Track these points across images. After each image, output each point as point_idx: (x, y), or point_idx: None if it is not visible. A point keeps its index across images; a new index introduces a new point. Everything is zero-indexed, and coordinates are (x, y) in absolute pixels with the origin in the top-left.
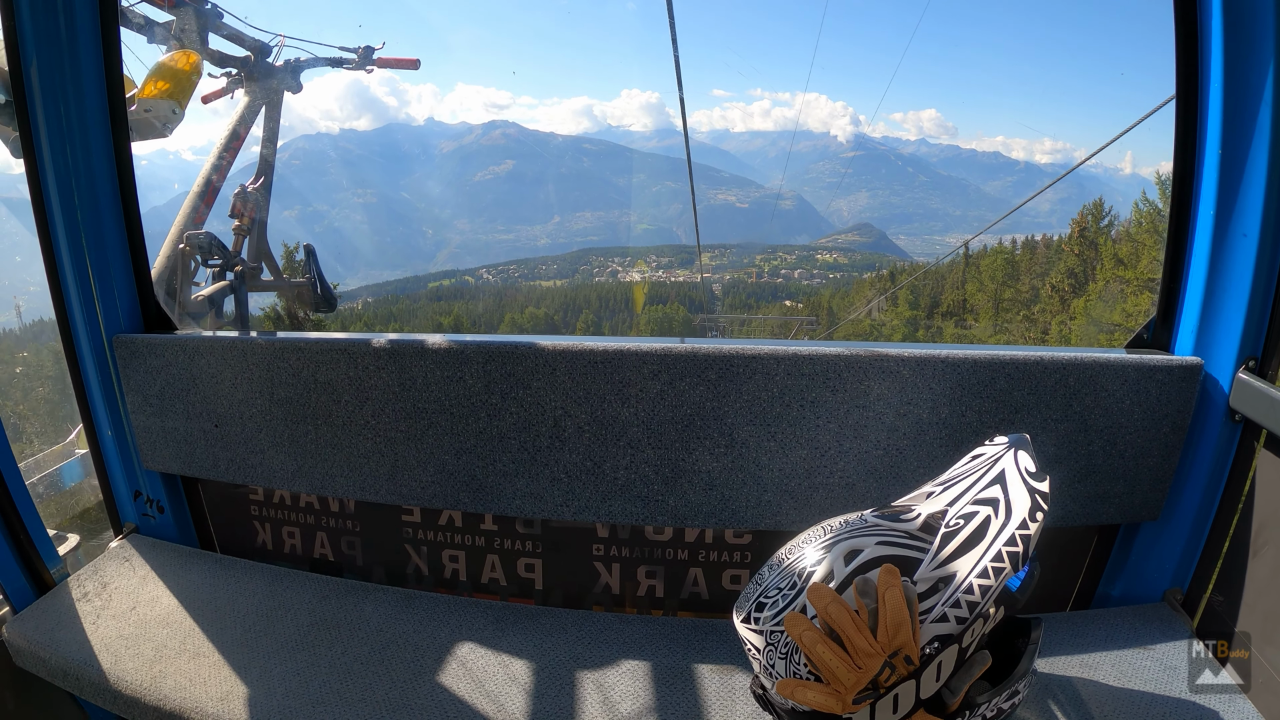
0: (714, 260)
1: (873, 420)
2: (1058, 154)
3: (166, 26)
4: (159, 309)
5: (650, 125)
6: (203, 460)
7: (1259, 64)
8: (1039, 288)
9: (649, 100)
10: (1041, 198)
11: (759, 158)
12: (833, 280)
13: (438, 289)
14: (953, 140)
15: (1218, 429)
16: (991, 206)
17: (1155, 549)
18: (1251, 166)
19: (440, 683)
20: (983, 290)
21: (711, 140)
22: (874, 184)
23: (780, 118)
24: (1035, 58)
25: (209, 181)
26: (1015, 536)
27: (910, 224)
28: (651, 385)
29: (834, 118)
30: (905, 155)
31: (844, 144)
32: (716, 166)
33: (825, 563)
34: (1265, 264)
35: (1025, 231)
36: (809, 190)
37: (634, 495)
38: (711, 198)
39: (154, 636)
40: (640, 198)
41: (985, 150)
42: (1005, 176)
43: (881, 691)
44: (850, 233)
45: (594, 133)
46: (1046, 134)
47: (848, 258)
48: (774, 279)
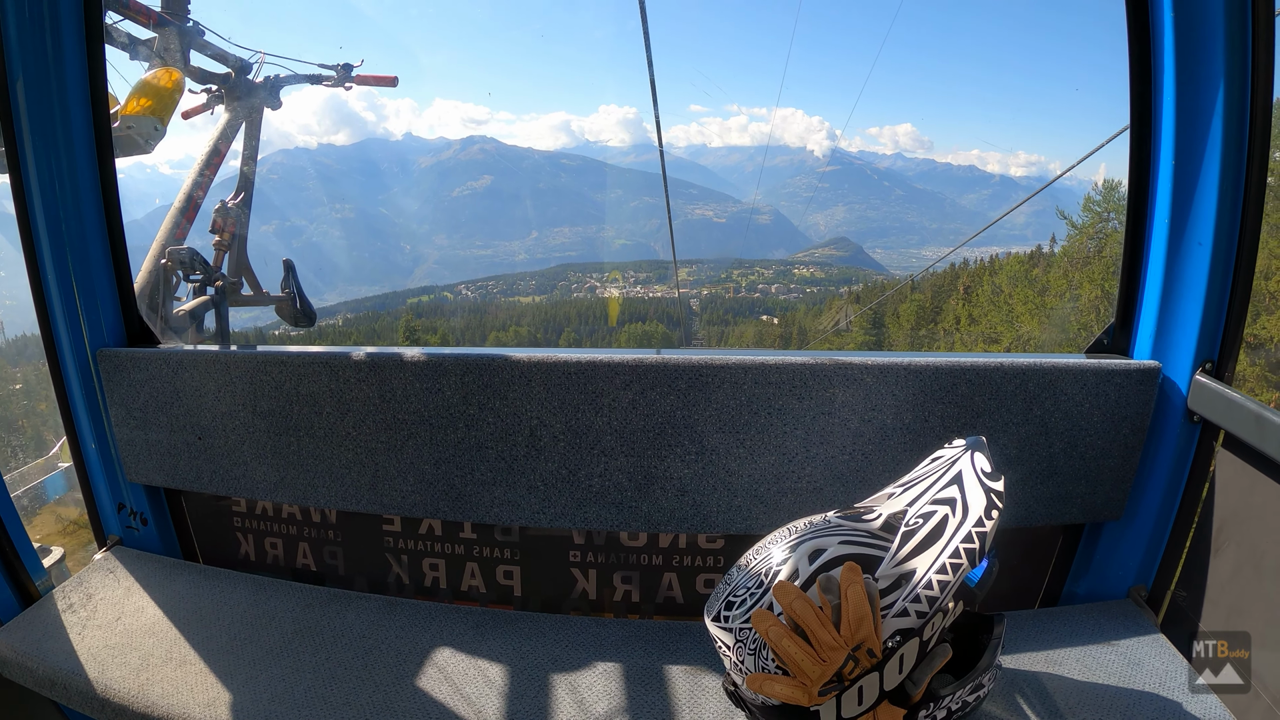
0: (691, 275)
1: (839, 426)
2: (1033, 167)
3: (149, 44)
4: (142, 323)
5: (628, 141)
6: (186, 472)
7: (1209, 79)
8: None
9: (626, 116)
10: (1018, 211)
11: (736, 173)
12: (809, 295)
13: (416, 305)
14: (928, 154)
15: (1177, 430)
16: (967, 219)
17: (1119, 547)
18: (1204, 177)
19: (421, 687)
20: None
21: (689, 155)
22: (850, 198)
23: (757, 133)
24: (1010, 70)
25: (190, 197)
26: (972, 534)
27: (887, 237)
28: (624, 395)
29: (810, 132)
30: (881, 169)
31: (820, 158)
32: (694, 181)
33: (790, 562)
34: (1219, 271)
35: (1003, 245)
36: (786, 205)
37: (608, 502)
38: (689, 213)
39: (140, 646)
40: (618, 213)
41: (960, 164)
42: (981, 189)
43: (846, 684)
44: (827, 247)
45: (572, 148)
46: (1021, 147)
47: (825, 272)
48: (751, 294)
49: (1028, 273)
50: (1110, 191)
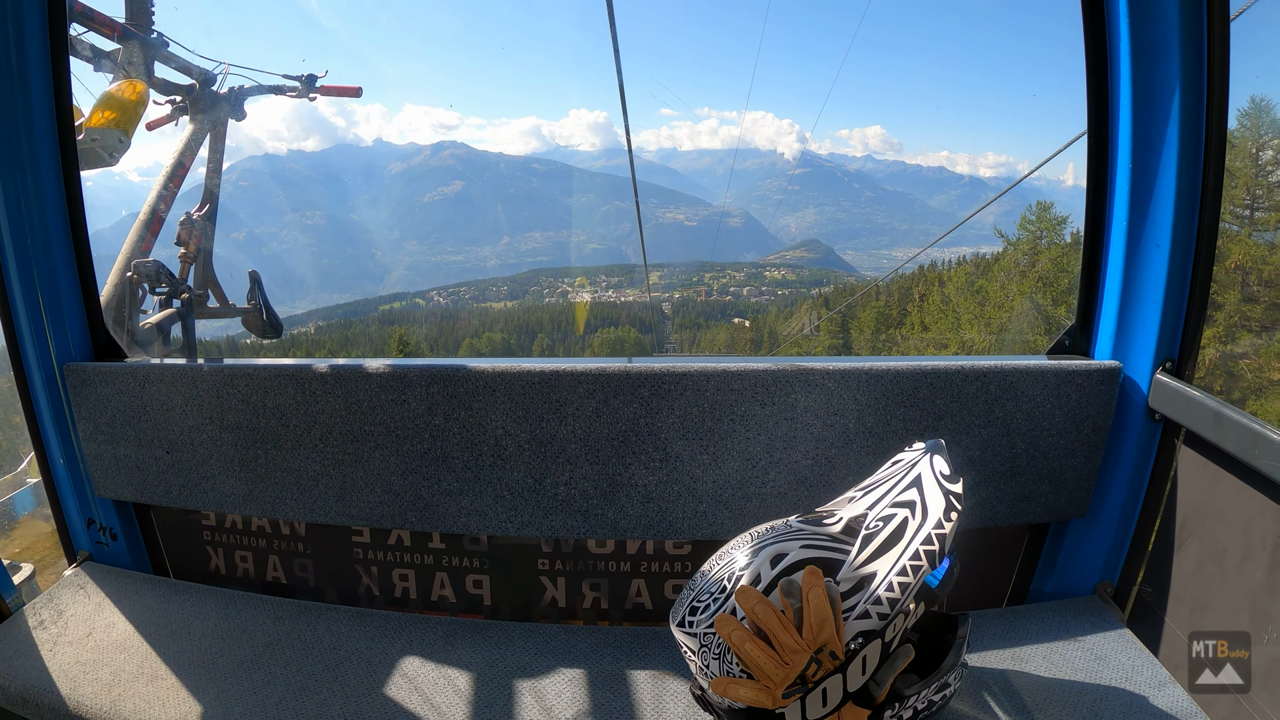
0: (663, 279)
1: (801, 431)
2: (1001, 167)
3: (113, 56)
4: (108, 337)
5: (599, 145)
6: (155, 487)
7: (1165, 83)
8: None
9: (597, 120)
10: (986, 211)
11: (707, 176)
12: (781, 297)
13: (388, 312)
14: (898, 156)
15: (1139, 429)
16: (937, 220)
17: (1084, 545)
18: (1161, 180)
19: (391, 697)
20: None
21: (660, 159)
22: (821, 200)
23: (728, 136)
24: (976, 71)
25: (154, 211)
26: (931, 536)
27: (858, 239)
28: (587, 404)
29: (780, 135)
30: (851, 171)
31: (791, 161)
32: (665, 185)
33: (753, 567)
34: (1177, 272)
35: (973, 245)
36: (757, 208)
37: (574, 510)
38: (660, 216)
39: (111, 661)
40: (589, 217)
41: (930, 165)
42: (950, 190)
43: (810, 686)
44: (798, 249)
45: (542, 153)
46: (990, 148)
47: (796, 274)
48: (723, 297)
49: (972, 283)
50: (1044, 211)
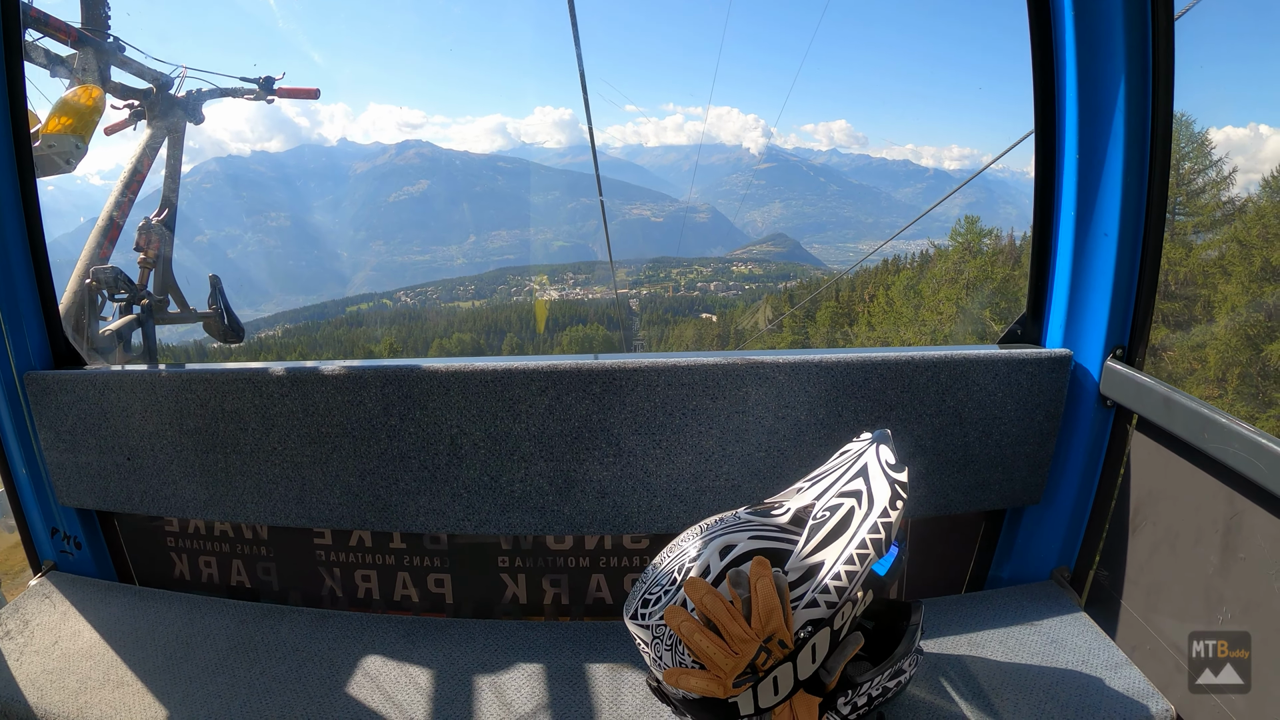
0: (630, 275)
1: (753, 424)
2: (966, 160)
3: (69, 61)
4: (68, 345)
5: (564, 142)
6: (117, 494)
7: (1110, 74)
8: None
9: (562, 117)
10: (950, 202)
11: (673, 171)
12: (749, 291)
13: (355, 313)
14: (864, 149)
15: (1091, 415)
16: (903, 213)
17: (1040, 531)
18: (1109, 169)
19: (354, 696)
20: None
21: (625, 155)
22: (787, 194)
23: (693, 131)
24: (940, 64)
25: (112, 218)
26: (878, 524)
27: (824, 232)
28: (540, 401)
29: (746, 130)
30: (817, 165)
31: (756, 156)
32: (631, 181)
33: (702, 559)
34: (1126, 259)
35: (939, 236)
36: (723, 203)
37: (530, 507)
38: (626, 213)
39: (77, 669)
40: (555, 215)
41: (895, 158)
42: (915, 183)
43: (760, 675)
44: (765, 243)
45: (508, 150)
46: (955, 140)
47: (763, 268)
48: (690, 292)
49: (913, 285)
50: (971, 224)
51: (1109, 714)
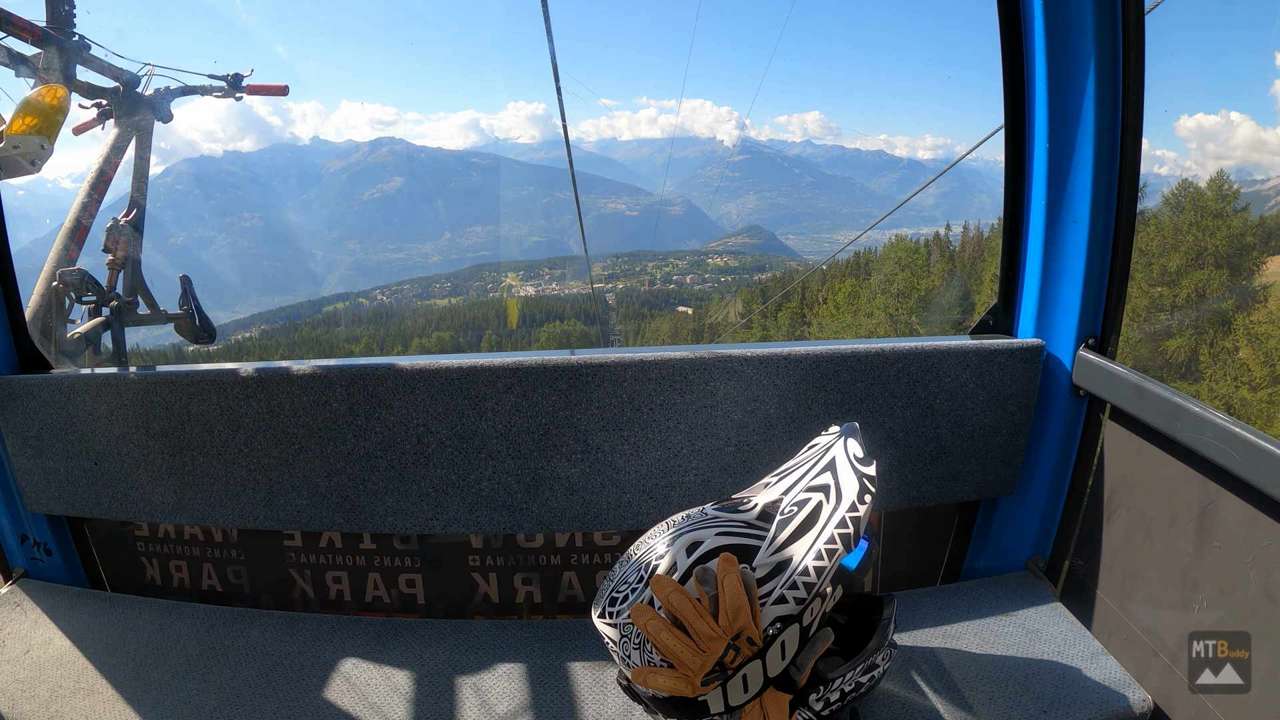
0: (606, 270)
1: (722, 419)
2: (939, 150)
3: (33, 61)
4: (34, 349)
5: (538, 137)
6: (85, 499)
7: (1080, 60)
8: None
9: (535, 112)
10: (925, 192)
11: (647, 165)
12: (724, 284)
13: (332, 313)
14: (837, 140)
15: (1063, 405)
16: (877, 203)
17: (1014, 521)
18: (1078, 157)
19: (326, 698)
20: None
21: (600, 149)
22: (761, 186)
23: (667, 124)
24: (911, 55)
25: (78, 221)
26: (846, 519)
27: (799, 224)
28: (506, 398)
29: (719, 123)
30: (791, 157)
31: (730, 148)
32: (605, 175)
33: (669, 556)
34: (1097, 248)
35: (914, 225)
36: (698, 195)
37: (499, 505)
38: (601, 207)
39: (49, 678)
40: (530, 210)
41: (869, 149)
42: (889, 173)
43: (729, 672)
44: (740, 235)
45: (482, 146)
46: (928, 131)
47: (738, 260)
48: (666, 285)
49: (857, 291)
50: (900, 241)
51: (1087, 704)
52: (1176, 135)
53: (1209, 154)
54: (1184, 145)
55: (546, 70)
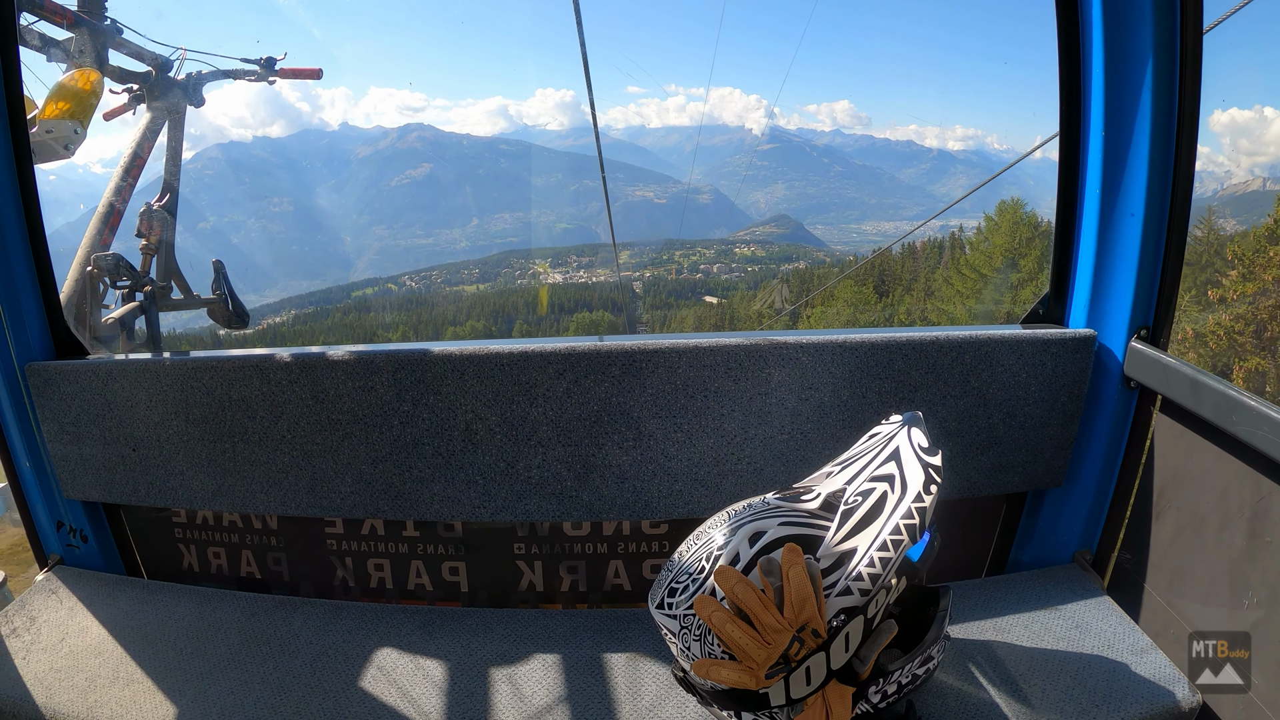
0: (633, 258)
1: (775, 406)
2: (969, 140)
3: (66, 45)
4: (70, 334)
5: (566, 124)
6: (123, 486)
7: (1138, 49)
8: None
9: (564, 99)
10: (954, 184)
11: (675, 153)
12: (751, 274)
13: (361, 298)
14: (866, 130)
15: (1114, 396)
16: (906, 194)
17: (1062, 513)
18: (1135, 147)
19: (370, 691)
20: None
21: (628, 137)
22: (790, 175)
23: (695, 112)
24: (943, 44)
25: (112, 205)
26: (911, 509)
27: (827, 214)
28: (558, 384)
29: (748, 111)
30: (820, 146)
31: (759, 137)
32: (633, 163)
33: (731, 546)
34: (1152, 239)
35: (944, 219)
36: (726, 184)
37: (548, 493)
38: (629, 194)
39: (86, 667)
40: (558, 197)
41: (898, 139)
42: (919, 164)
43: (793, 665)
44: (768, 224)
45: (510, 133)
46: (958, 121)
47: (765, 250)
48: (693, 274)
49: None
50: (1015, 202)
51: (1137, 699)
52: (1210, 130)
53: (1242, 150)
54: (1217, 140)
55: (576, 57)
